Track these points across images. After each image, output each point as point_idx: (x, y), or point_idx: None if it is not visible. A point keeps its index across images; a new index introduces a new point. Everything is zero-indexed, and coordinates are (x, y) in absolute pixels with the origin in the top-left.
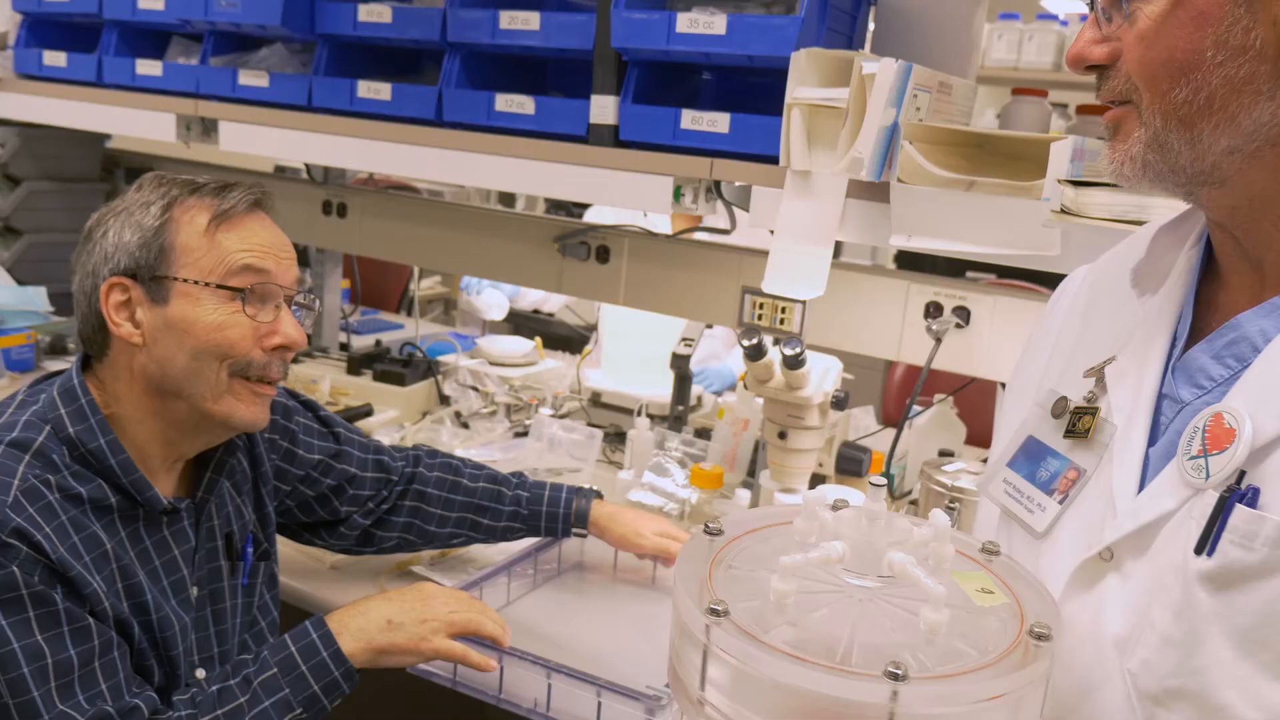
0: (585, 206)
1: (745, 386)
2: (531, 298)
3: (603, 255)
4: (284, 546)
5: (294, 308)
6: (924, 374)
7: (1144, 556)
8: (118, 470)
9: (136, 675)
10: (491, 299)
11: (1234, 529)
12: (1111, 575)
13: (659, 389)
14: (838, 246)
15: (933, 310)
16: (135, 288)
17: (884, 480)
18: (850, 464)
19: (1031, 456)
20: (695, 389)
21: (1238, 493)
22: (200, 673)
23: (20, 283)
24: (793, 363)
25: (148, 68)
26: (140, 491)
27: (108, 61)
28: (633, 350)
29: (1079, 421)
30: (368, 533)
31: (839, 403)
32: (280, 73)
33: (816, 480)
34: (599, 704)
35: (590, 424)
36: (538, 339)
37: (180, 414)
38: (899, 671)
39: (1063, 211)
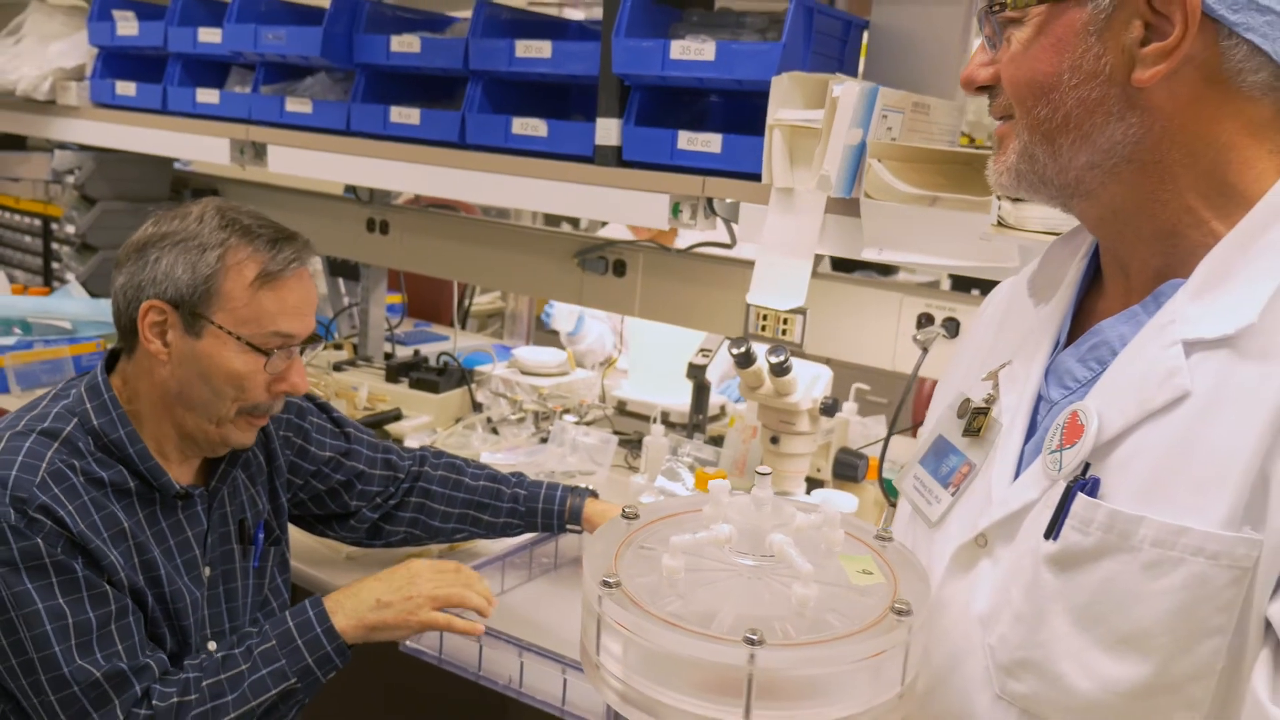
0: None
1: (740, 393)
2: None
3: (619, 269)
4: (303, 538)
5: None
6: (910, 383)
7: (1011, 543)
8: (135, 458)
9: (150, 641)
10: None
11: (1075, 515)
12: (984, 560)
13: (683, 398)
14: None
15: (924, 321)
16: (173, 313)
17: (769, 470)
18: (847, 469)
19: (939, 454)
20: (720, 399)
21: (1080, 482)
22: (212, 645)
23: (93, 295)
24: (778, 370)
25: (207, 96)
26: (155, 478)
27: (171, 91)
28: (657, 361)
29: (974, 420)
30: (376, 526)
31: (828, 409)
32: (322, 100)
33: (814, 485)
34: (564, 680)
35: (616, 431)
36: (569, 351)
37: (187, 424)
38: (755, 637)
39: (1000, 224)
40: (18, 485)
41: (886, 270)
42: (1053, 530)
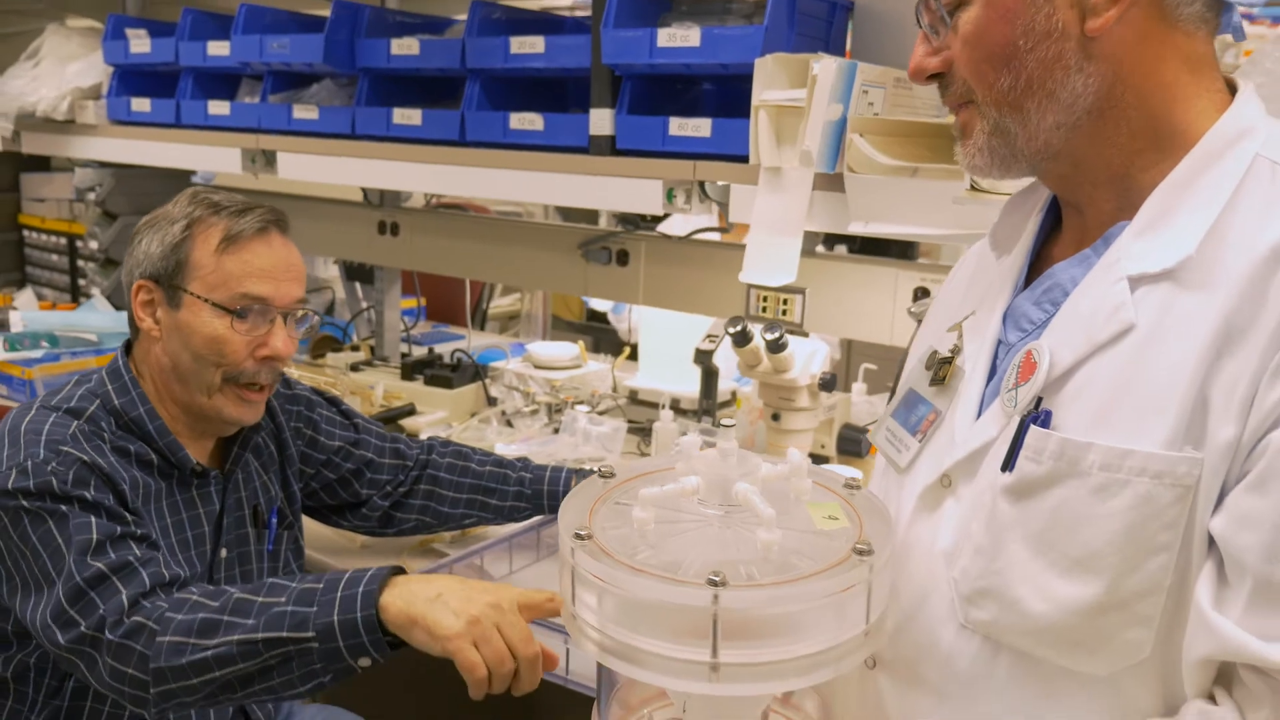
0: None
1: (740, 372)
2: None
3: (623, 259)
4: (319, 528)
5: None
6: (905, 355)
7: (973, 480)
8: (154, 434)
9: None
10: None
11: (1029, 446)
12: (949, 500)
13: (694, 386)
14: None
15: (919, 295)
16: (157, 291)
17: (733, 422)
18: (850, 444)
19: (908, 406)
20: (731, 385)
21: (1033, 415)
22: None
23: (117, 308)
24: (774, 347)
25: (218, 108)
26: (174, 452)
27: (184, 104)
28: (667, 349)
29: (941, 370)
30: (387, 514)
31: (826, 384)
32: (328, 105)
33: (818, 461)
34: (566, 650)
35: (628, 420)
36: (581, 343)
37: (184, 398)
38: (718, 579)
39: (973, 189)
40: (49, 441)
41: (907, 251)
42: (1009, 463)
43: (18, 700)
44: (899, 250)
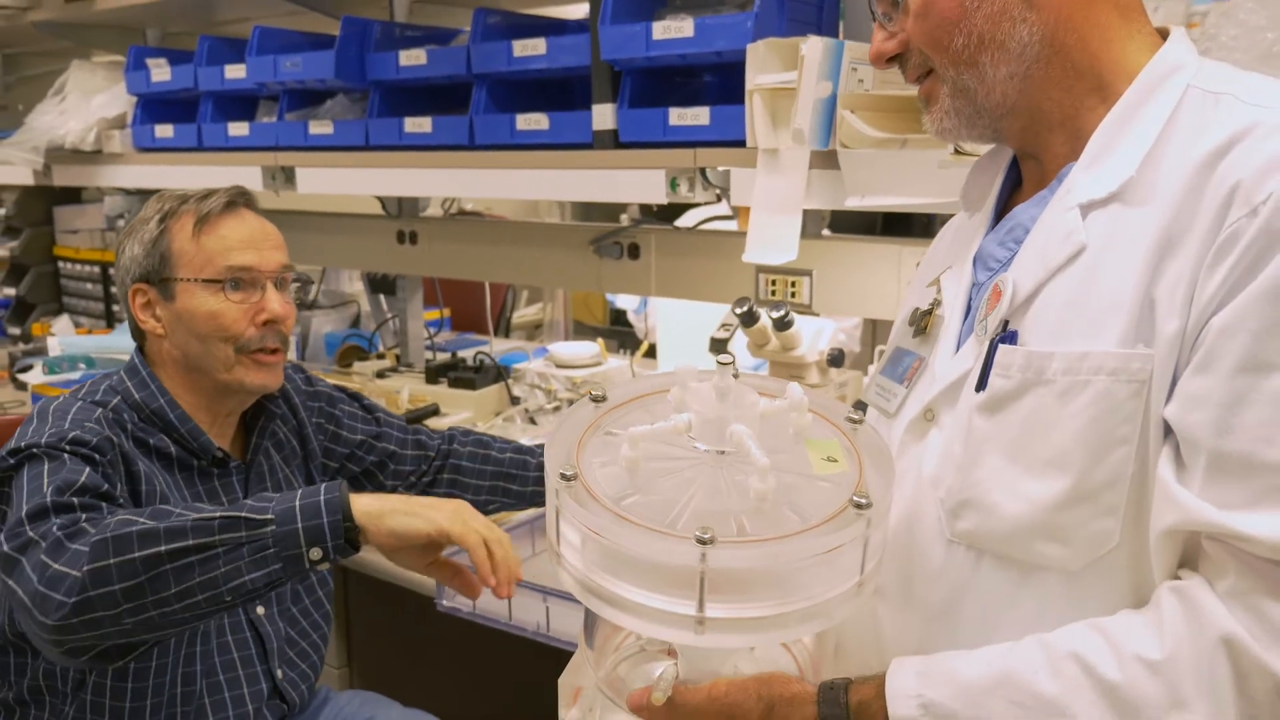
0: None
1: (749, 352)
2: None
3: (634, 252)
4: None
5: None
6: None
7: (953, 409)
8: (176, 422)
9: None
10: None
11: (998, 364)
12: (934, 431)
13: None
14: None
15: None
16: (151, 290)
17: (730, 358)
18: None
19: (895, 361)
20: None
21: (1001, 336)
22: (260, 609)
23: None
24: (780, 324)
25: (238, 129)
26: (195, 439)
27: (205, 128)
28: (685, 342)
29: (922, 321)
30: None
31: (835, 360)
32: (342, 119)
33: None
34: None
35: None
36: (601, 341)
37: (206, 384)
38: (706, 536)
39: (958, 153)
40: (74, 424)
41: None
42: (982, 382)
43: (39, 709)
44: (921, 228)
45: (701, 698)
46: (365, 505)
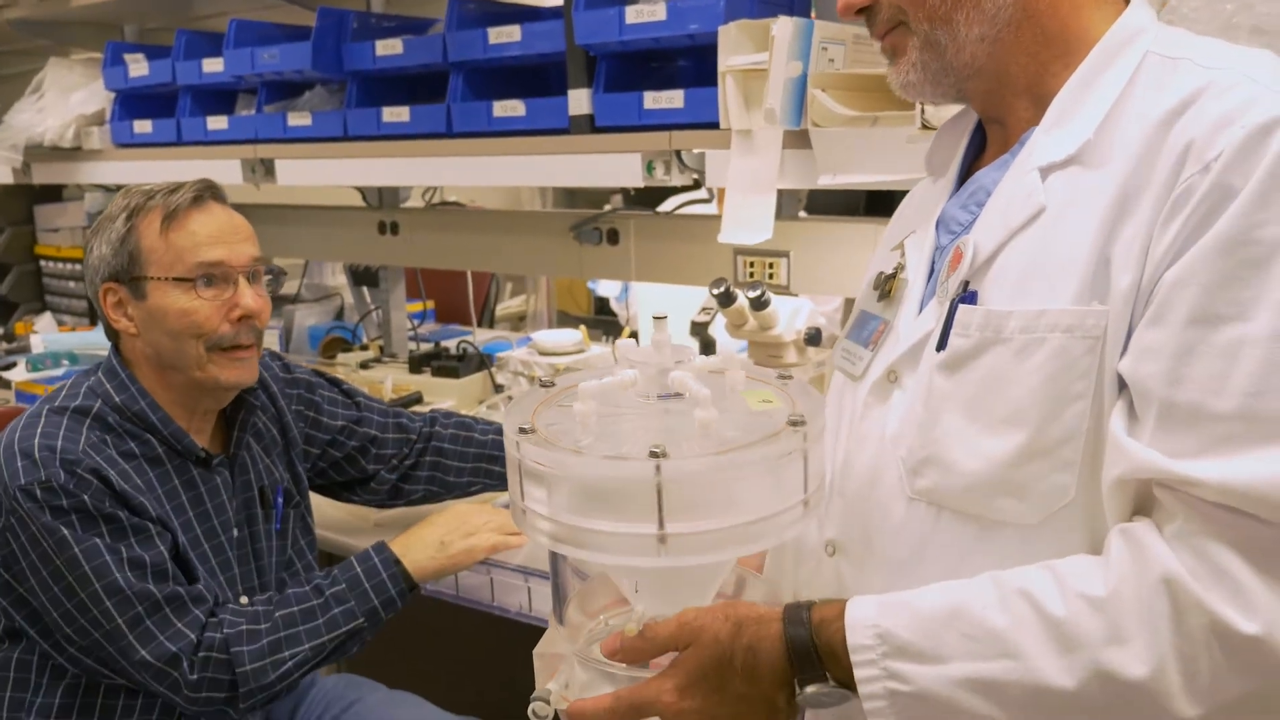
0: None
1: (727, 333)
2: None
3: (613, 237)
4: (332, 509)
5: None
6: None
7: (915, 371)
8: (159, 425)
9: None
10: None
11: (958, 323)
12: (896, 393)
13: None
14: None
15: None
16: (121, 289)
17: (665, 315)
18: None
19: (860, 325)
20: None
21: (961, 296)
22: (244, 599)
23: None
24: (757, 304)
25: (216, 123)
26: (179, 440)
27: (184, 122)
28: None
29: (886, 285)
30: (396, 487)
31: (812, 339)
32: (320, 110)
33: None
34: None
35: None
36: (583, 328)
37: (181, 382)
38: (659, 451)
39: (924, 127)
40: (65, 451)
41: None
42: (942, 342)
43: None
44: None
45: (672, 626)
46: (428, 576)
